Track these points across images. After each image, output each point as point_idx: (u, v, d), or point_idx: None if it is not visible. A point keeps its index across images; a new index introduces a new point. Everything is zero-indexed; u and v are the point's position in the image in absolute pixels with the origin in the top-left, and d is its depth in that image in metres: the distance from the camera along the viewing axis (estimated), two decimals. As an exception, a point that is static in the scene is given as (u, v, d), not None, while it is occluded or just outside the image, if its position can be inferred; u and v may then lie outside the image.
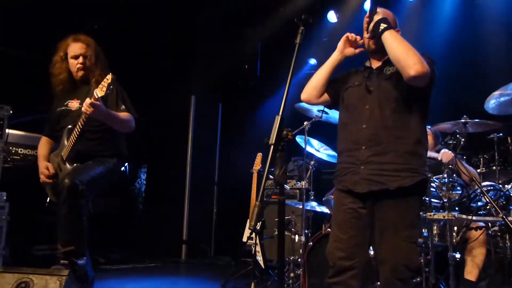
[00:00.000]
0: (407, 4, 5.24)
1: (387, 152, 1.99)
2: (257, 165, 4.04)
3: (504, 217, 2.39)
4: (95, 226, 5.23)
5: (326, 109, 3.50)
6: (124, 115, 2.79)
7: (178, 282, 4.68)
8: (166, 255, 5.67)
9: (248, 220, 4.10)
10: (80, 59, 2.86)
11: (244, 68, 5.90)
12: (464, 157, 4.18)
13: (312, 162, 3.98)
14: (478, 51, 4.38)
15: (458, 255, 2.67)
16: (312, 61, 5.84)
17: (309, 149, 4.02)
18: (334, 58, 2.25)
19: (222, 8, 5.72)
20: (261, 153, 4.02)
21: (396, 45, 1.97)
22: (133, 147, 5.89)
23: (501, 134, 3.89)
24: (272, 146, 1.69)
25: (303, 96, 2.30)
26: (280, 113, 1.76)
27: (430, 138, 3.69)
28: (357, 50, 2.24)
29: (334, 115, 3.48)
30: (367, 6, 5.40)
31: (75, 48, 2.89)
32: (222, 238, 5.93)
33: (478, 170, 3.86)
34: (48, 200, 2.86)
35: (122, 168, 6.20)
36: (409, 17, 5.18)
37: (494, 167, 3.84)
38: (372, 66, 2.20)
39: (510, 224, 2.34)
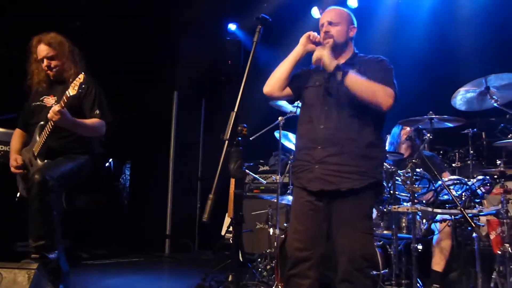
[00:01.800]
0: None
1: (341, 153, 2.06)
2: (235, 160, 4.09)
3: (462, 209, 2.47)
4: (80, 222, 5.31)
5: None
6: (92, 121, 2.80)
7: (160, 276, 4.75)
8: (150, 250, 5.72)
9: (226, 214, 4.18)
10: (45, 62, 2.89)
11: (227, 64, 5.93)
12: (441, 152, 4.27)
13: (291, 157, 4.04)
14: (450, 47, 4.47)
15: (420, 247, 2.74)
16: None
17: (288, 144, 4.08)
18: (297, 52, 2.28)
19: (205, 3, 5.74)
20: (240, 149, 4.07)
21: (359, 89, 2.04)
22: (117, 143, 5.95)
23: (475, 130, 3.98)
24: (226, 142, 1.76)
25: (266, 89, 2.32)
26: (235, 109, 1.83)
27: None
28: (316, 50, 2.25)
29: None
30: (350, 2, 5.46)
31: (39, 51, 2.90)
32: (205, 233, 5.99)
33: (454, 165, 3.95)
34: (18, 195, 2.90)
35: (107, 164, 6.26)
36: (389, 12, 5.26)
37: (469, 162, 3.93)
38: None
39: (467, 217, 2.42)
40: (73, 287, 3.12)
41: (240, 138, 1.79)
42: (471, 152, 3.88)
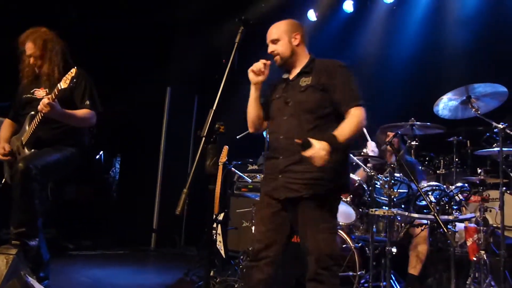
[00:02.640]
0: (384, 6, 5.39)
1: (301, 162, 2.09)
2: (222, 158, 4.14)
3: (436, 215, 2.53)
4: (68, 212, 5.35)
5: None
6: (83, 112, 2.83)
7: (144, 270, 4.79)
8: (136, 243, 5.77)
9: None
10: (32, 60, 2.91)
11: (221, 62, 5.97)
12: (427, 158, 4.32)
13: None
14: (437, 54, 4.56)
15: (394, 250, 2.80)
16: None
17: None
18: (252, 92, 2.31)
19: (202, 1, 5.77)
20: (227, 146, 4.12)
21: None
22: (108, 136, 5.98)
23: (460, 138, 4.05)
24: (203, 138, 1.81)
25: (250, 130, 2.39)
26: (214, 107, 1.88)
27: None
28: (267, 72, 2.26)
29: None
30: (346, 6, 5.54)
31: (26, 48, 2.92)
32: (192, 229, 6.03)
33: (438, 171, 4.01)
34: (3, 182, 2.93)
35: (97, 157, 6.30)
36: (384, 19, 5.35)
37: (453, 169, 3.99)
38: (290, 76, 2.29)
39: (441, 222, 2.47)
40: (57, 277, 3.17)
41: (216, 136, 1.83)
42: (456, 159, 3.95)
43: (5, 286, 2.14)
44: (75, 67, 2.64)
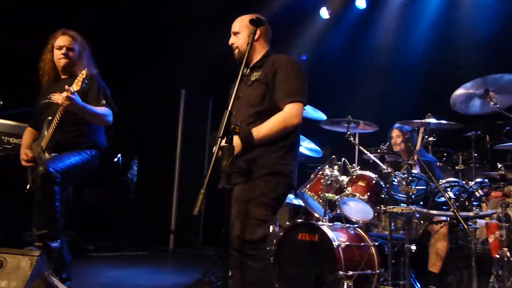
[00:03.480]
0: (397, 1, 5.35)
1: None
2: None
3: (455, 211, 2.49)
4: (88, 214, 5.43)
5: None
6: (101, 109, 2.89)
7: (163, 270, 4.84)
8: (154, 244, 5.83)
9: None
10: (63, 50, 2.97)
11: (236, 63, 5.97)
12: (445, 154, 4.25)
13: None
14: (455, 47, 4.50)
15: (413, 247, 2.76)
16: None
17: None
18: None
19: (214, 1, 5.80)
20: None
21: (270, 137, 2.08)
22: (125, 140, 6.05)
23: (479, 132, 3.97)
24: (219, 139, 1.82)
25: None
26: (229, 108, 1.89)
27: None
28: None
29: (308, 110, 3.57)
30: (358, 3, 5.51)
31: (61, 40, 3.01)
32: (210, 229, 6.06)
33: (457, 167, 3.94)
34: (28, 187, 3.00)
35: (115, 159, 6.38)
36: (397, 14, 5.31)
37: (472, 164, 3.92)
38: (246, 71, 2.32)
39: (460, 218, 2.44)
40: (78, 278, 3.23)
41: (232, 136, 1.84)
42: (475, 155, 3.87)
43: (29, 287, 2.19)
44: (85, 69, 2.69)
